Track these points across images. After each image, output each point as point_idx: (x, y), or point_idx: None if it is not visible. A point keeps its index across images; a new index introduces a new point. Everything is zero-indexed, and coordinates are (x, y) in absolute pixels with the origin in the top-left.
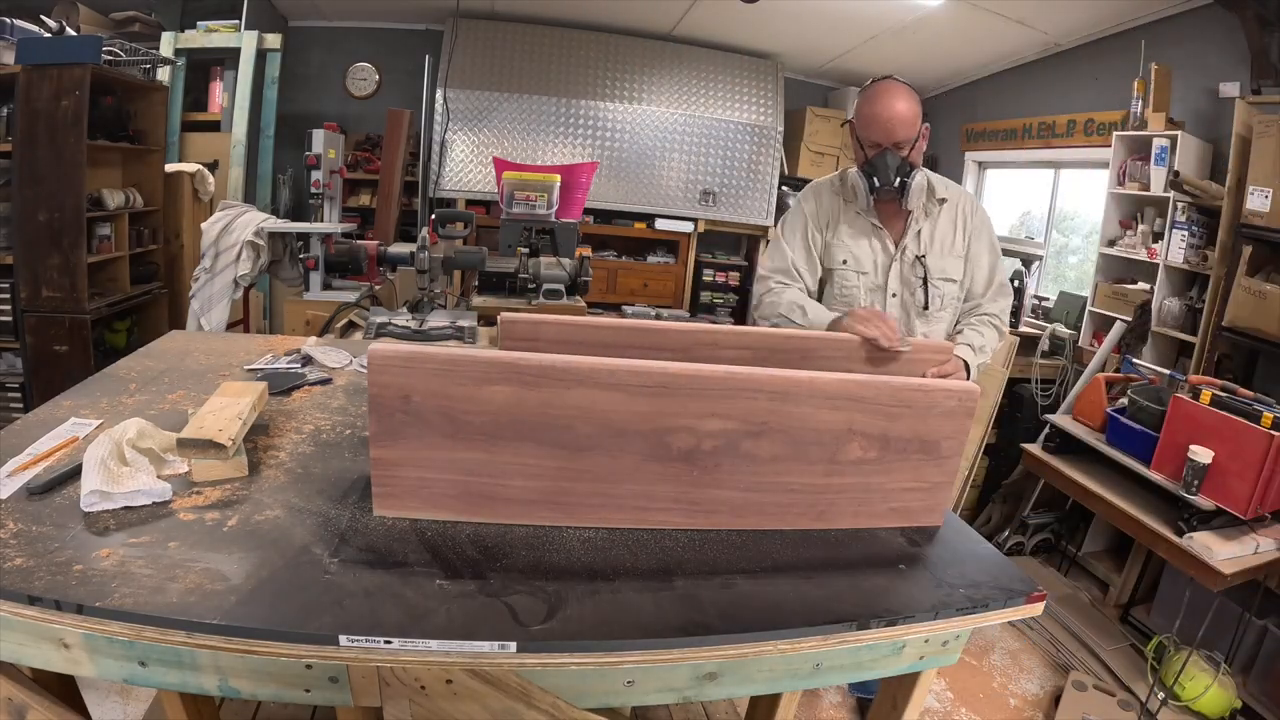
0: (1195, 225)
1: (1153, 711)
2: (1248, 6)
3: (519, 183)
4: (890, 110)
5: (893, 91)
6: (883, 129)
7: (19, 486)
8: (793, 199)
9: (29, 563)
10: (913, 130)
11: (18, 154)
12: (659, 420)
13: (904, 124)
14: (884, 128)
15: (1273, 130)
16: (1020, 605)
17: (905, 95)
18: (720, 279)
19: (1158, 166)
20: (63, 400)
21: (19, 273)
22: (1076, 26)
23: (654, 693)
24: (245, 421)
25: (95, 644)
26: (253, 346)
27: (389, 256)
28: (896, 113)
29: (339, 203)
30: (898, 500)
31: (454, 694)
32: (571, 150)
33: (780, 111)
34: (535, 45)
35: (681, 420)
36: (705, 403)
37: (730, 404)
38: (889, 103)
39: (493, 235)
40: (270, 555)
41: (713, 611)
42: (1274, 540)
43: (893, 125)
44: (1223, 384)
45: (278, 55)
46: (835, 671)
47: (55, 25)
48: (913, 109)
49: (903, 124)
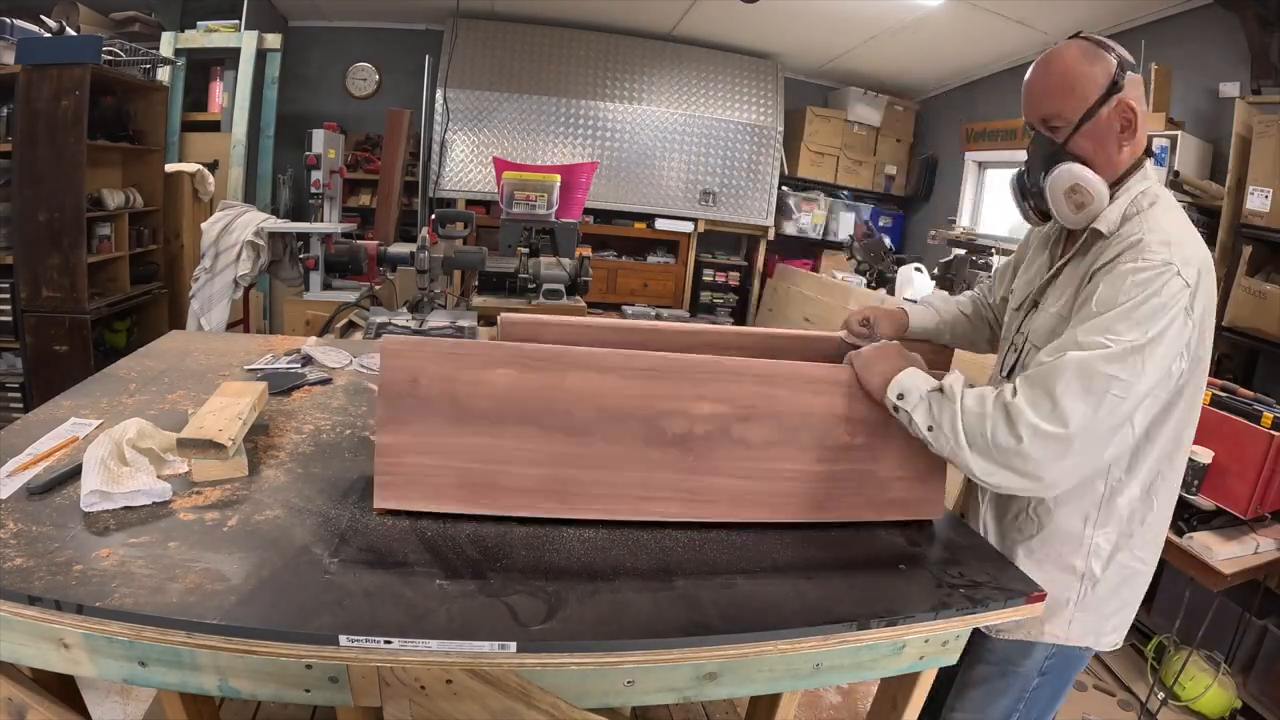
0: (1195, 225)
1: (1153, 711)
2: (1248, 6)
3: (519, 183)
4: (1032, 75)
5: (1055, 52)
6: (1025, 102)
7: (19, 486)
8: (792, 199)
9: (29, 563)
10: (1065, 102)
11: (18, 154)
12: (653, 404)
13: (1046, 93)
14: (1025, 100)
15: (1273, 130)
16: (1020, 605)
17: (1065, 54)
18: (720, 279)
19: (1157, 166)
20: (63, 400)
21: (19, 273)
22: (1076, 26)
23: (654, 693)
24: (245, 421)
25: (95, 644)
26: (253, 346)
27: (389, 256)
28: (1035, 78)
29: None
30: (894, 490)
31: (454, 694)
32: (571, 150)
33: (780, 111)
34: (535, 45)
35: (674, 404)
36: (694, 386)
37: (719, 388)
38: (1039, 66)
39: (493, 235)
40: (270, 555)
41: (713, 611)
42: (1274, 540)
43: (1031, 94)
44: (1223, 384)
45: (278, 55)
46: (835, 671)
47: (55, 25)
48: (1069, 71)
49: (1045, 92)
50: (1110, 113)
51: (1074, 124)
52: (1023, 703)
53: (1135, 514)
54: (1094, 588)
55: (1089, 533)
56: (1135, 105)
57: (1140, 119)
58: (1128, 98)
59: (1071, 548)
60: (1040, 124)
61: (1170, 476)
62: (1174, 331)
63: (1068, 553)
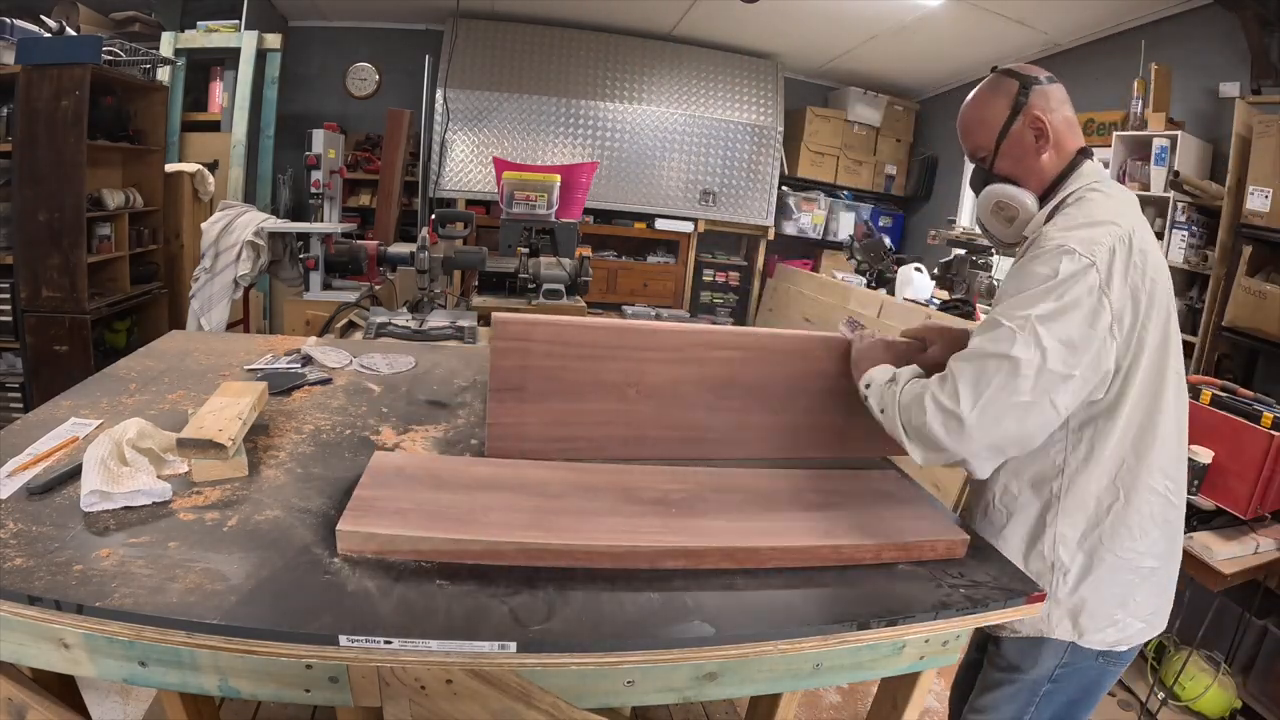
0: (1195, 225)
1: (1153, 711)
2: (1248, 6)
3: (519, 183)
4: (959, 118)
5: (972, 93)
6: (961, 144)
7: (19, 486)
8: (792, 199)
9: (29, 563)
10: (979, 134)
11: (18, 154)
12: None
13: (965, 131)
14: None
15: (1273, 130)
16: (1020, 605)
17: (975, 93)
18: (720, 279)
19: (1158, 166)
20: (63, 400)
21: (19, 273)
22: (1076, 26)
23: (654, 693)
24: (245, 421)
25: (95, 644)
26: (253, 346)
27: (389, 256)
28: (959, 120)
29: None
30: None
31: (454, 694)
32: (571, 150)
33: (780, 111)
34: (535, 45)
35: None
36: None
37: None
38: (962, 108)
39: (493, 235)
40: (270, 555)
41: (713, 611)
42: (1274, 540)
43: (960, 135)
44: (1223, 384)
45: (278, 55)
46: (835, 671)
47: (55, 25)
48: (977, 106)
49: (964, 131)
50: (1020, 129)
51: (993, 150)
52: (1033, 707)
53: (1103, 503)
54: (1065, 576)
55: (1050, 519)
56: (1042, 115)
57: (1052, 125)
58: (1034, 110)
59: (1036, 536)
60: (973, 160)
61: (1139, 468)
62: (1077, 310)
63: (1036, 542)
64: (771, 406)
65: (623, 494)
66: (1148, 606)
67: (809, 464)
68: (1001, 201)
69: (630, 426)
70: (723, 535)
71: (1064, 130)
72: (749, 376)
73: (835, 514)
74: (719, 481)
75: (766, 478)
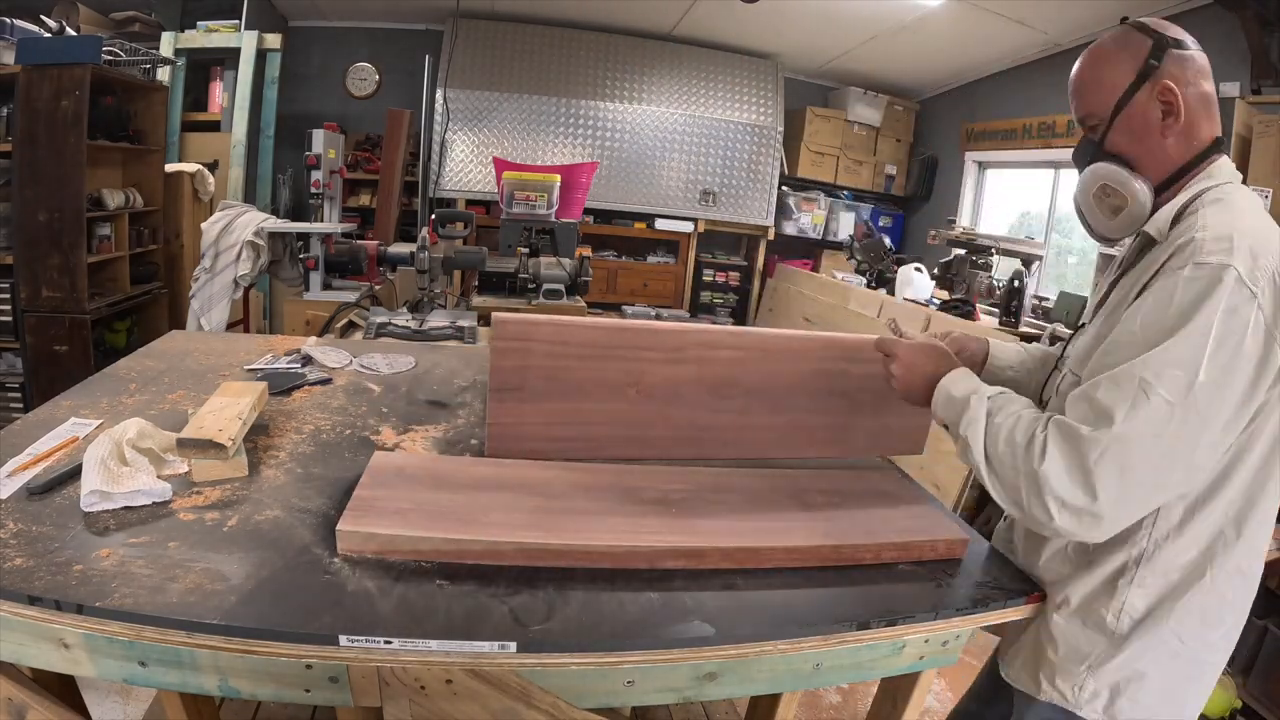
0: None
1: None
2: (1248, 6)
3: (519, 183)
4: (1071, 75)
5: (1092, 45)
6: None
7: (19, 486)
8: (792, 199)
9: (29, 563)
10: (1094, 96)
11: (18, 154)
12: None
13: (1076, 91)
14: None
15: (1273, 130)
16: (1020, 605)
17: (1096, 46)
18: (720, 279)
19: None
20: (63, 400)
21: (19, 273)
22: (1076, 26)
23: (654, 693)
24: (245, 421)
25: (95, 644)
26: (253, 346)
27: (389, 256)
28: (1071, 78)
29: (339, 203)
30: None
31: (454, 694)
32: (571, 150)
33: (780, 111)
34: (535, 45)
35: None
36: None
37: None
38: (1077, 64)
39: (493, 235)
40: (270, 555)
41: (713, 611)
42: (1274, 540)
43: (1070, 96)
44: None
45: (278, 55)
46: (835, 671)
47: (55, 25)
48: (1096, 63)
49: (1075, 91)
50: (1145, 100)
51: (1107, 120)
52: None
53: (1188, 579)
54: (1119, 648)
55: (1123, 585)
56: (1175, 87)
57: (1184, 102)
58: (1166, 78)
59: (1101, 599)
60: (1082, 127)
61: (1236, 544)
62: (1244, 359)
63: (1097, 605)
64: (772, 406)
65: (624, 494)
66: (1192, 709)
67: (809, 464)
68: (1109, 186)
69: (631, 426)
70: (723, 535)
71: (1200, 111)
72: (749, 377)
73: (836, 514)
74: (719, 481)
75: (767, 477)
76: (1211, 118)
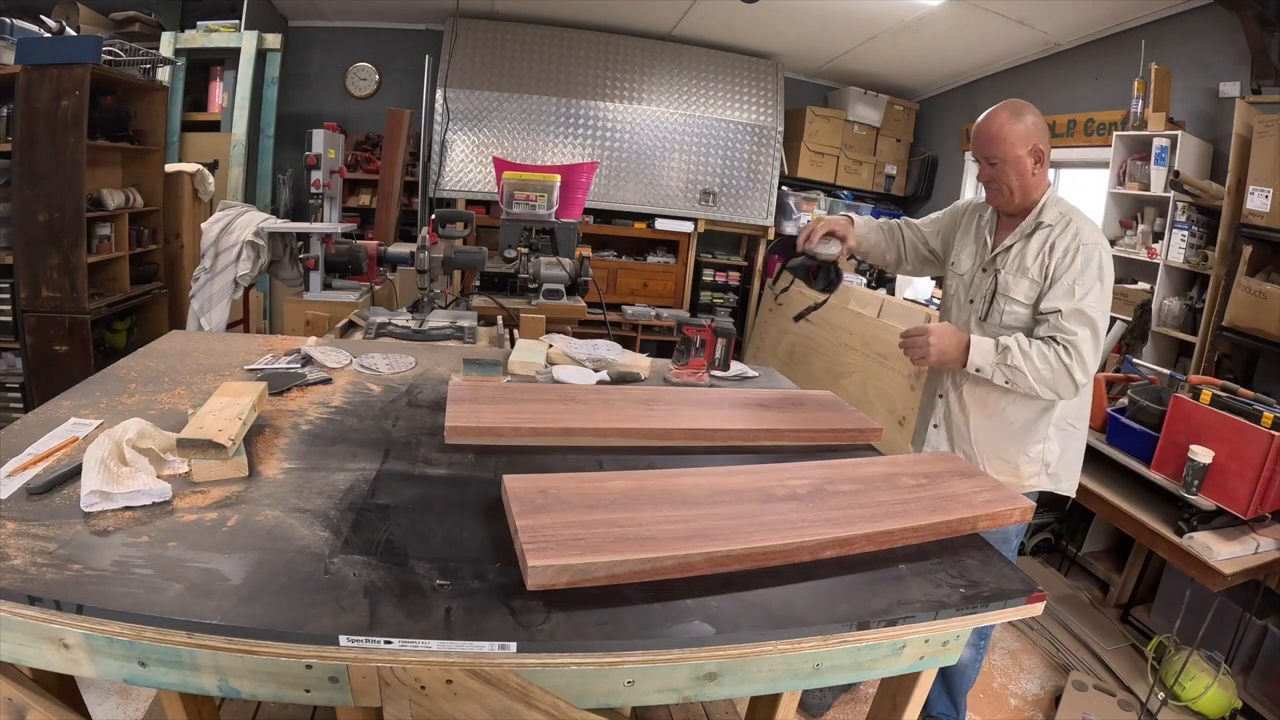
0: (1195, 225)
1: (1153, 711)
2: (1248, 6)
3: (519, 183)
4: (980, 125)
5: (996, 110)
6: (975, 142)
7: (19, 486)
8: (792, 199)
9: (29, 563)
10: (997, 149)
11: (18, 154)
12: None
13: (988, 141)
14: (976, 141)
15: (1273, 130)
16: (1020, 605)
17: (999, 115)
18: (720, 279)
19: (1158, 166)
20: (63, 400)
21: (19, 273)
22: (1076, 26)
23: (654, 693)
24: (245, 421)
25: (95, 644)
26: (253, 346)
27: (389, 256)
28: (982, 128)
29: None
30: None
31: (454, 694)
32: (571, 150)
33: (780, 111)
34: (535, 45)
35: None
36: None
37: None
38: (984, 119)
39: (493, 235)
40: (270, 555)
41: (713, 611)
42: (1274, 540)
43: (980, 140)
44: (1223, 384)
45: (278, 55)
46: (835, 671)
47: (55, 25)
48: (1002, 130)
49: (988, 140)
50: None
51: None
52: None
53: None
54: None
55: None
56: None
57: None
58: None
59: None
60: (984, 160)
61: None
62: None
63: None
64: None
65: (756, 493)
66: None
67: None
68: None
69: None
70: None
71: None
72: None
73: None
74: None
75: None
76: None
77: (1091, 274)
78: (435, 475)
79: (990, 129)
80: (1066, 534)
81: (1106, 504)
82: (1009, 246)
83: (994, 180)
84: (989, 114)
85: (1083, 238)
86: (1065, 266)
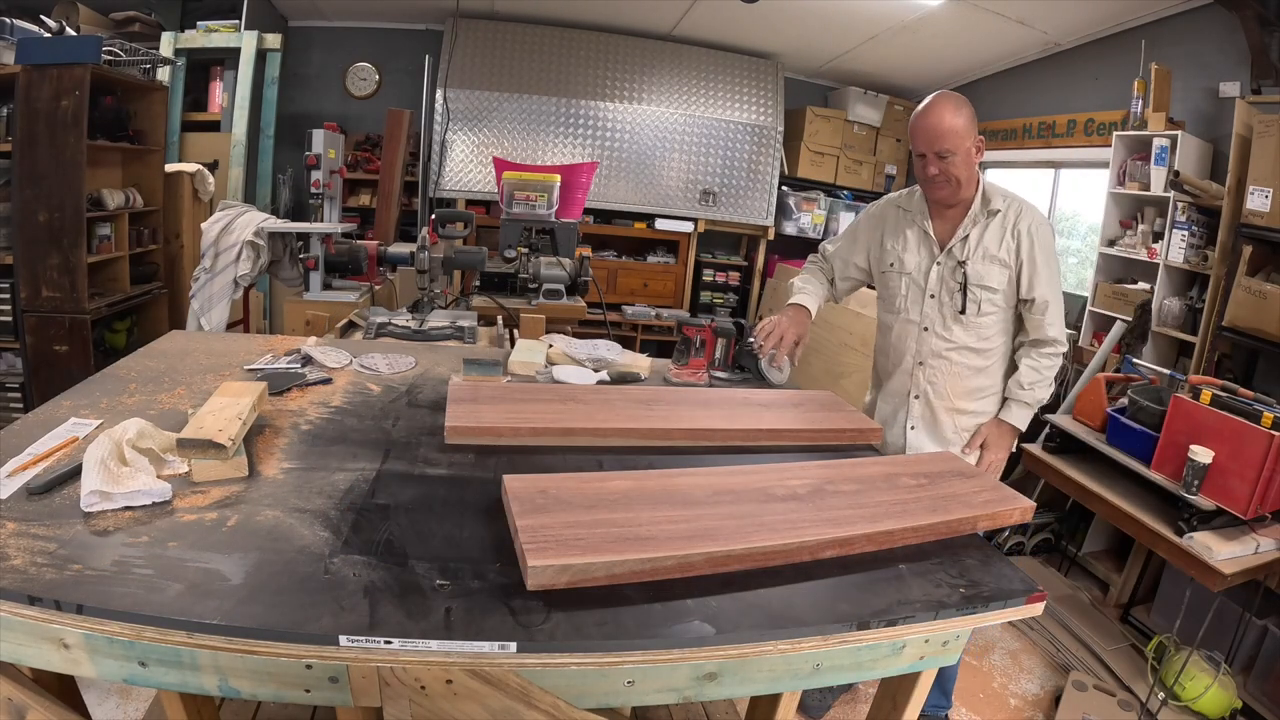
0: (1195, 225)
1: (1153, 711)
2: (1248, 6)
3: (519, 183)
4: (925, 121)
5: (936, 103)
6: (922, 138)
7: (19, 486)
8: (792, 199)
9: (29, 563)
10: (949, 143)
11: (18, 154)
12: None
13: (940, 136)
14: (923, 137)
15: (1273, 130)
16: (1020, 605)
17: (943, 109)
18: (720, 279)
19: (1158, 166)
20: (63, 400)
21: (19, 273)
22: (1076, 26)
23: (654, 693)
24: (245, 421)
25: (95, 644)
26: (253, 346)
27: (389, 256)
28: (929, 124)
29: (339, 203)
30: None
31: (454, 694)
32: (571, 150)
33: (780, 111)
34: (535, 45)
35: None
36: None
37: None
38: (929, 114)
39: (493, 235)
40: (270, 555)
41: (713, 611)
42: (1274, 540)
43: (929, 136)
44: (1223, 384)
45: (278, 55)
46: (835, 671)
47: (55, 25)
48: (953, 124)
49: (938, 135)
50: (973, 145)
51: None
52: None
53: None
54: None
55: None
56: (981, 139)
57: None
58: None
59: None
60: (933, 155)
61: None
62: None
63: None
64: None
65: (756, 493)
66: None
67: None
68: None
69: None
70: (862, 522)
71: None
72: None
73: (926, 493)
74: (830, 474)
75: (862, 465)
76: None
77: (1052, 252)
78: (435, 475)
79: (941, 124)
80: (1066, 534)
81: (1106, 504)
82: (965, 236)
83: (943, 173)
84: (932, 109)
85: (1035, 219)
86: (1034, 250)
